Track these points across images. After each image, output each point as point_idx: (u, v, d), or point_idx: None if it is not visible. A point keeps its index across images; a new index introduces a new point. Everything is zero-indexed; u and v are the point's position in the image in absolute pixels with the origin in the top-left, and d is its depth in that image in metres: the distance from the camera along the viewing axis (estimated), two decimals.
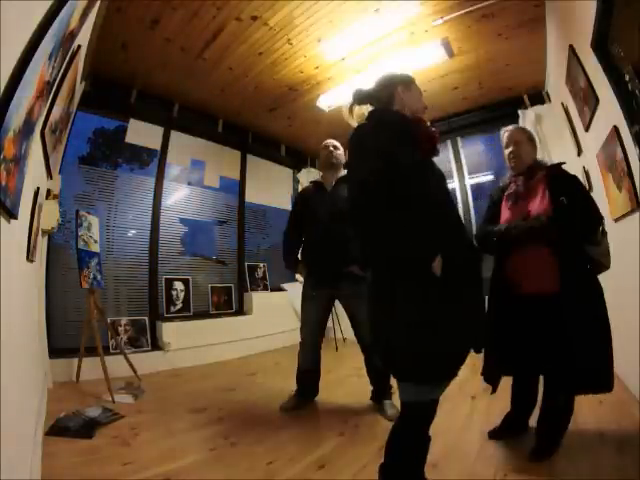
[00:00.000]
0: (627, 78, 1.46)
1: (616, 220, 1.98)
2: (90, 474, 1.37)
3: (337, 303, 2.18)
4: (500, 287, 1.48)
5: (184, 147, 3.73)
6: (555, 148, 3.30)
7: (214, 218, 4.04)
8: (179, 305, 3.48)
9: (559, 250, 1.32)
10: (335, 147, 2.20)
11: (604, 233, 1.38)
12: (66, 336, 2.78)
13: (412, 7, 2.40)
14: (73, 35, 1.41)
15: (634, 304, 1.74)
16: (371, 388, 2.09)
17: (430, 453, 1.45)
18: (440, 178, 1.13)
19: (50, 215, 2.26)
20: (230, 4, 2.34)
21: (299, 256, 2.23)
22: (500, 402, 1.94)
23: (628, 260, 1.84)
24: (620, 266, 2.04)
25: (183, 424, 1.89)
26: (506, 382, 1.56)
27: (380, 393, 2.02)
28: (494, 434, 1.56)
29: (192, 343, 3.28)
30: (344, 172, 2.16)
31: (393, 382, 1.99)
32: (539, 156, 1.59)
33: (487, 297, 1.48)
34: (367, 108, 1.26)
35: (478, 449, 1.46)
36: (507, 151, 1.55)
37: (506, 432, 1.55)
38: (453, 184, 4.08)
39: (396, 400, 1.86)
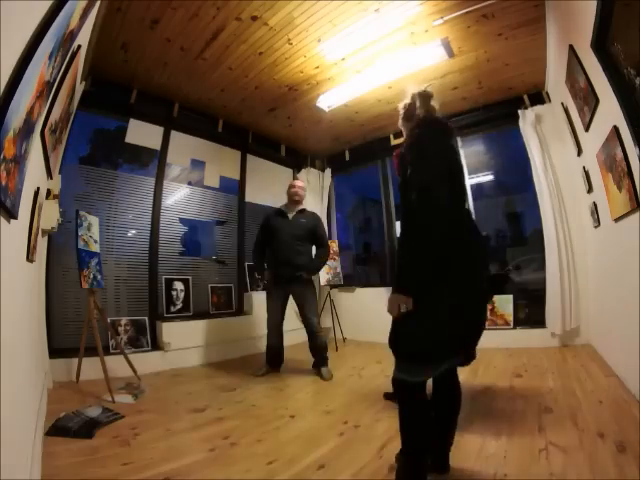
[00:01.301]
0: (627, 78, 1.46)
1: (616, 220, 1.98)
2: (90, 474, 1.37)
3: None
4: None
5: (184, 147, 3.72)
6: (555, 148, 3.30)
7: (214, 218, 4.03)
8: (179, 305, 3.48)
9: None
10: (301, 187, 2.97)
11: None
12: (66, 336, 2.77)
13: (412, 7, 2.40)
14: (73, 35, 1.41)
15: (634, 304, 1.74)
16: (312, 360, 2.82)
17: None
18: None
19: (50, 215, 2.26)
20: (230, 4, 2.34)
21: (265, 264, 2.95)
22: (500, 402, 1.95)
23: (628, 260, 1.84)
24: (620, 266, 2.04)
25: (183, 424, 1.89)
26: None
27: (318, 363, 2.76)
28: (389, 396, 1.93)
29: (192, 343, 3.28)
30: (302, 206, 2.99)
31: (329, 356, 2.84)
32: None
33: None
34: None
35: (478, 449, 1.46)
36: None
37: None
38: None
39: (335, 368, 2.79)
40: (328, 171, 5.09)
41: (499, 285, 1.56)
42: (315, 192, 5.00)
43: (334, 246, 4.68)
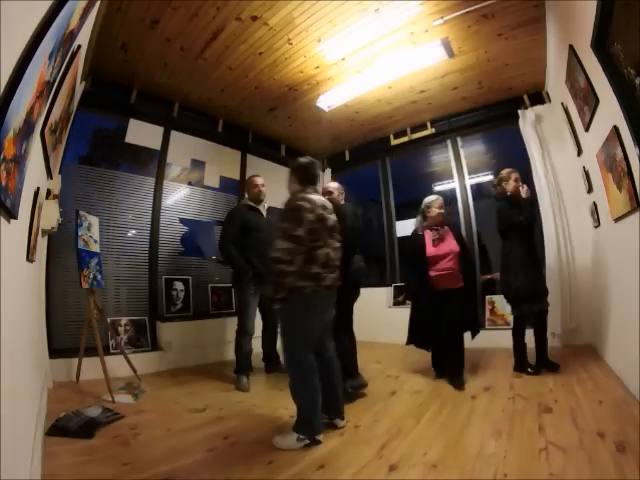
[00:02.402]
0: (627, 78, 1.46)
1: (616, 220, 1.98)
2: (90, 474, 1.37)
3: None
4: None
5: (184, 147, 3.72)
6: (555, 148, 3.30)
7: (214, 218, 4.03)
8: (179, 305, 3.48)
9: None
10: (263, 185, 2.89)
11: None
12: (66, 336, 2.78)
13: (412, 7, 2.41)
14: (73, 35, 1.41)
15: (634, 304, 1.74)
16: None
17: (430, 453, 1.46)
18: None
19: (50, 215, 2.25)
20: (230, 4, 2.34)
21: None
22: (500, 402, 1.95)
23: (628, 260, 1.84)
24: (620, 266, 2.04)
25: (183, 424, 1.89)
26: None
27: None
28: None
29: (192, 343, 3.28)
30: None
31: None
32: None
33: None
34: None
35: (478, 449, 1.46)
36: (440, 211, 2.50)
37: None
38: (453, 184, 4.08)
39: None
40: (328, 171, 5.09)
41: None
42: None
43: None
